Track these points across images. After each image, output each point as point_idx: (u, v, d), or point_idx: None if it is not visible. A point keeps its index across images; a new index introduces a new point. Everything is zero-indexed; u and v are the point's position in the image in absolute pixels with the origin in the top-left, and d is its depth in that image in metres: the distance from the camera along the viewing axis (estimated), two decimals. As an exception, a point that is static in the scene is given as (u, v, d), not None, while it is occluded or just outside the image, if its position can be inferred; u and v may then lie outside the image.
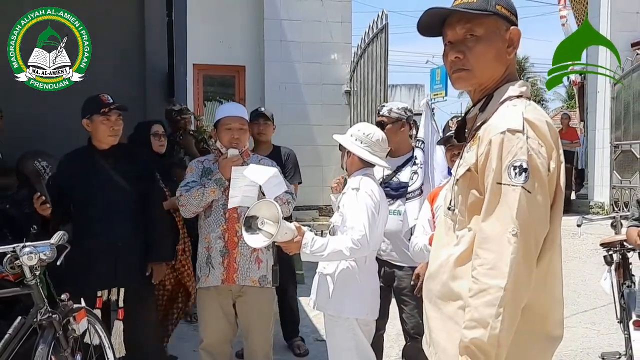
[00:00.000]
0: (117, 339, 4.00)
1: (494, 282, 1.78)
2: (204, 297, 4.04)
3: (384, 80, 8.29)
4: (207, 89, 10.15)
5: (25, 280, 3.30)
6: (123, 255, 3.96)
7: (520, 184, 1.79)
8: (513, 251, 1.77)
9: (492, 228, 1.83)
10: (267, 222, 3.24)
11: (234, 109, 4.23)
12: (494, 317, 1.76)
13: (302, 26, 9.88)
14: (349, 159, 3.72)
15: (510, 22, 2.00)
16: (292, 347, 5.56)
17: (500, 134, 1.84)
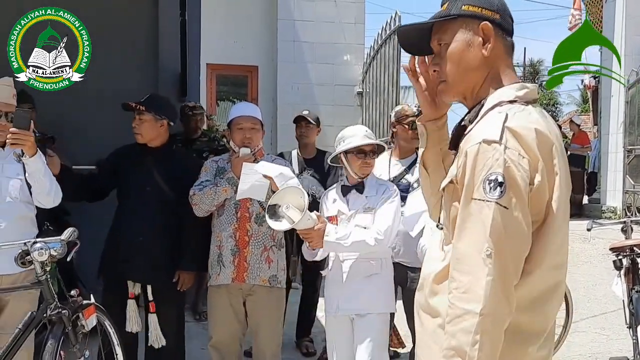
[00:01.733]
0: (154, 332, 4.10)
1: (470, 307, 1.63)
2: (214, 295, 4.08)
3: (397, 81, 8.28)
4: (220, 88, 10.19)
5: (36, 276, 3.34)
6: (146, 252, 4.04)
7: (495, 199, 1.63)
8: (489, 273, 1.62)
9: (465, 248, 1.69)
10: (292, 208, 3.32)
11: (246, 108, 4.27)
12: (471, 346, 1.62)
13: (315, 27, 9.89)
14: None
15: (482, 18, 1.84)
16: (300, 346, 5.59)
17: (476, 145, 1.69)
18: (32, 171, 3.61)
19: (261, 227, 3.97)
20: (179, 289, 4.16)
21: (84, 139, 5.63)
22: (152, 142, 4.18)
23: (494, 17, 1.85)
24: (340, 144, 3.78)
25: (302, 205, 3.34)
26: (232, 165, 3.98)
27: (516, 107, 1.77)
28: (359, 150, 3.73)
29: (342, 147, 3.76)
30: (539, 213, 1.71)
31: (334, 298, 3.69)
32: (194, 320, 6.18)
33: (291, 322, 5.65)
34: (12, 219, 3.63)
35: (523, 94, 1.81)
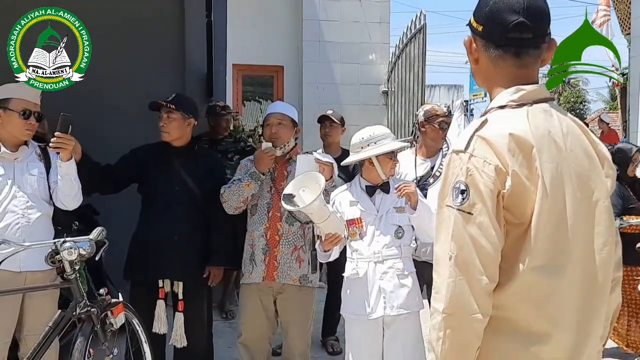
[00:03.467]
0: (179, 331, 4.12)
1: (437, 306, 1.75)
2: (246, 293, 4.11)
3: (422, 80, 8.24)
4: (246, 89, 10.21)
5: (66, 275, 3.39)
6: (179, 250, 4.09)
7: (457, 206, 1.72)
8: (450, 275, 1.71)
9: (438, 250, 1.79)
10: (307, 191, 3.38)
11: (273, 107, 4.33)
12: (436, 341, 1.75)
13: (340, 26, 9.88)
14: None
15: (471, 30, 1.91)
16: (326, 345, 5.60)
17: (449, 155, 1.81)
18: (65, 174, 3.67)
19: (292, 227, 4.01)
20: (209, 284, 4.20)
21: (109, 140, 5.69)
22: (177, 141, 4.21)
23: (477, 29, 1.88)
24: (370, 145, 3.70)
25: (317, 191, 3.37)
26: (255, 160, 4.02)
27: (502, 112, 1.81)
28: (388, 154, 3.72)
29: (377, 148, 3.68)
30: (521, 216, 1.73)
31: (364, 301, 3.63)
32: (221, 319, 6.22)
33: (317, 320, 5.63)
34: (38, 216, 3.69)
35: (518, 97, 1.82)
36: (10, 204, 3.58)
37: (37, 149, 3.82)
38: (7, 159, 3.64)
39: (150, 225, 4.19)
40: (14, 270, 3.53)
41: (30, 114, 3.65)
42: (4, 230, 3.52)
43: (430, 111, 4.38)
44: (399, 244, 3.64)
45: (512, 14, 1.80)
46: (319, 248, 3.68)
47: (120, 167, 4.27)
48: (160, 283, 4.13)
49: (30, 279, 3.62)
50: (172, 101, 4.13)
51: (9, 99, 3.61)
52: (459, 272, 1.71)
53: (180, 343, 4.14)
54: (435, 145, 4.39)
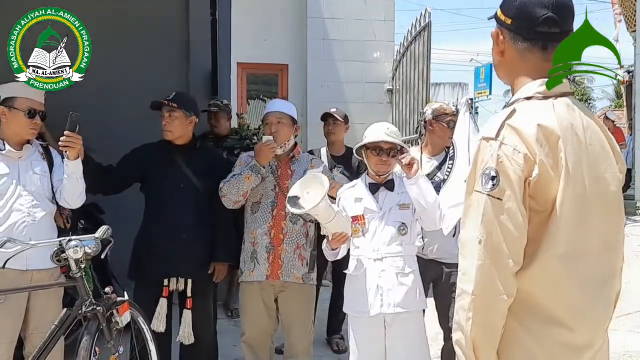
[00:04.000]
0: (187, 328, 4.13)
1: (465, 288, 1.82)
2: (247, 291, 4.11)
3: (427, 78, 8.22)
4: (251, 87, 10.22)
5: (71, 273, 3.40)
6: (185, 248, 4.09)
7: (487, 191, 1.79)
8: (479, 258, 1.79)
9: (466, 234, 1.86)
10: (312, 193, 3.39)
11: (272, 105, 4.31)
12: (465, 321, 1.82)
13: (345, 24, 9.88)
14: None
15: (498, 23, 1.99)
16: (331, 343, 5.60)
17: (478, 142, 1.87)
18: (71, 172, 3.68)
19: (295, 226, 4.02)
20: (214, 281, 4.21)
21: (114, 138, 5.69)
22: (180, 139, 4.22)
23: (505, 22, 1.96)
24: (363, 140, 3.77)
25: (322, 193, 3.37)
26: (255, 153, 4.02)
27: (529, 103, 1.88)
28: (376, 147, 3.71)
29: (361, 142, 3.76)
30: (544, 203, 1.80)
31: (364, 298, 3.64)
32: (226, 317, 6.23)
33: (322, 319, 5.67)
34: (43, 215, 3.70)
35: (544, 89, 1.89)
36: (16, 203, 3.59)
37: (39, 148, 3.83)
38: (11, 158, 3.65)
39: (155, 224, 4.19)
40: (20, 268, 3.54)
41: (35, 113, 3.66)
42: (10, 229, 3.53)
43: (439, 110, 4.39)
44: (400, 242, 3.62)
45: (542, 9, 1.88)
46: (326, 247, 3.68)
47: (122, 166, 4.26)
48: (166, 282, 4.13)
49: (36, 277, 3.63)
50: (173, 100, 4.13)
51: (15, 98, 3.62)
52: (487, 255, 1.78)
53: (188, 340, 4.14)
54: (442, 143, 4.40)
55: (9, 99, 3.63)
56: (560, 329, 1.84)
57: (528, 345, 1.85)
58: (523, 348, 1.85)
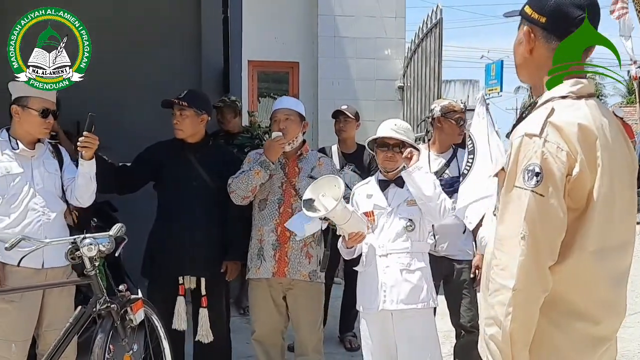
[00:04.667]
0: (205, 326, 4.14)
1: (505, 283, 1.84)
2: (255, 289, 4.12)
3: (438, 75, 8.19)
4: (262, 85, 10.20)
5: (85, 271, 3.41)
6: (200, 246, 4.10)
7: (531, 187, 1.81)
8: (521, 253, 1.81)
9: (505, 230, 1.88)
10: (327, 196, 3.38)
11: (281, 102, 4.31)
12: (505, 316, 1.83)
13: (355, 22, 9.84)
14: None
15: (529, 20, 2.00)
16: (344, 341, 5.60)
17: (519, 138, 1.87)
18: (86, 172, 3.71)
19: (302, 224, 3.99)
20: (226, 279, 4.21)
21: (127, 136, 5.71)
22: (192, 137, 4.22)
23: (539, 21, 1.97)
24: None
25: (337, 195, 3.37)
26: (264, 149, 4.03)
27: (566, 102, 1.90)
28: (382, 143, 3.70)
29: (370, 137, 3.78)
30: (579, 201, 1.84)
31: (371, 294, 3.65)
32: (238, 315, 6.23)
33: (334, 316, 5.67)
34: (56, 213, 3.72)
35: (577, 89, 1.92)
36: (31, 202, 3.61)
37: (49, 146, 3.84)
38: (24, 157, 3.66)
39: (167, 222, 4.20)
40: (35, 267, 3.55)
41: (48, 112, 3.67)
42: (26, 228, 3.54)
43: (448, 107, 4.38)
44: (407, 238, 3.62)
45: (577, 9, 1.91)
46: (342, 245, 3.68)
47: (136, 166, 4.28)
48: (181, 280, 4.13)
49: (50, 275, 3.65)
50: (184, 98, 4.13)
51: (28, 98, 3.63)
52: (529, 251, 1.80)
53: (207, 338, 4.15)
54: (450, 140, 4.38)
55: (22, 99, 3.63)
56: (586, 322, 1.88)
57: (554, 338, 1.88)
58: (549, 341, 1.88)
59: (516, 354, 1.83)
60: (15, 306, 3.50)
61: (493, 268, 1.90)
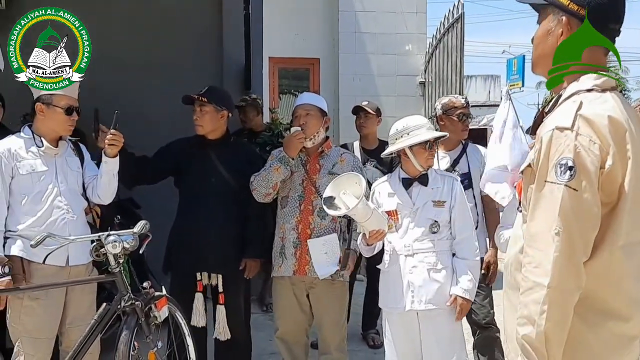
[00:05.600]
0: (222, 323, 4.15)
1: (539, 280, 1.79)
2: (279, 286, 4.11)
3: (460, 71, 8.14)
4: (282, 82, 10.21)
5: (110, 268, 3.42)
6: (217, 242, 4.10)
7: (565, 182, 1.77)
8: (556, 250, 1.77)
9: (537, 226, 1.84)
10: (348, 194, 3.35)
11: (301, 98, 4.28)
12: (539, 315, 1.78)
13: (376, 17, 9.81)
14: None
15: (566, 11, 1.94)
16: (366, 338, 5.59)
17: (549, 132, 1.83)
18: (109, 170, 3.73)
19: (323, 221, 3.97)
20: (245, 276, 4.20)
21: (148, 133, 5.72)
22: (212, 134, 4.22)
23: (578, 12, 1.92)
24: (403, 136, 3.64)
25: (359, 193, 3.35)
26: (284, 145, 4.01)
27: (592, 95, 1.86)
28: (424, 143, 3.63)
29: (409, 139, 3.60)
30: (610, 195, 1.80)
31: (396, 294, 3.62)
32: (261, 312, 6.24)
33: (357, 313, 5.65)
34: (79, 211, 3.73)
35: (601, 82, 1.89)
36: (56, 200, 3.62)
37: (70, 144, 3.85)
38: (49, 155, 3.68)
39: (187, 219, 4.21)
40: (60, 264, 3.57)
41: (72, 109, 3.69)
42: (52, 226, 3.56)
43: (448, 104, 4.36)
44: (433, 238, 3.57)
45: (614, 6, 1.93)
46: (361, 242, 3.66)
47: (157, 158, 4.29)
48: (199, 276, 4.14)
49: (74, 272, 3.67)
50: (205, 94, 4.14)
51: (52, 95, 3.64)
52: (564, 247, 1.76)
53: (224, 336, 4.16)
54: (456, 137, 4.34)
55: (46, 96, 3.64)
56: (616, 320, 1.85)
57: (585, 337, 1.84)
58: (581, 341, 1.84)
59: (551, 353, 1.79)
60: (41, 304, 3.52)
61: (525, 266, 1.85)
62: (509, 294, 2.10)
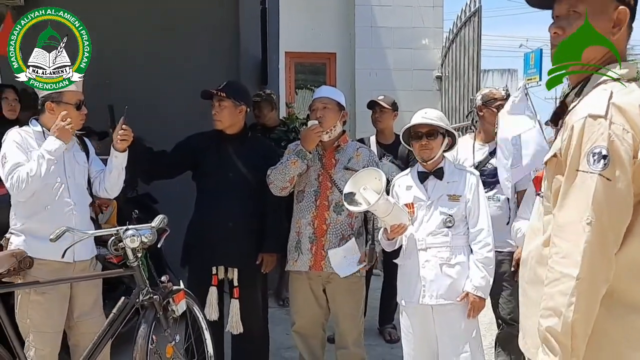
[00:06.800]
0: (234, 317, 4.15)
1: (567, 271, 1.75)
2: (295, 281, 4.11)
3: (477, 65, 8.10)
4: (299, 76, 10.20)
5: (128, 262, 3.43)
6: (233, 237, 4.11)
7: (598, 171, 1.73)
8: (587, 240, 1.73)
9: (567, 216, 1.79)
10: (369, 189, 3.34)
11: (319, 91, 4.27)
12: (567, 306, 1.74)
13: (393, 11, 9.78)
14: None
15: (621, 1, 1.90)
16: (383, 333, 5.58)
17: (582, 120, 1.79)
18: (118, 164, 3.75)
19: (339, 216, 3.96)
20: (262, 271, 4.20)
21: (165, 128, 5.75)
22: (230, 128, 4.22)
23: (629, 2, 1.91)
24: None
25: (379, 188, 3.34)
26: (301, 138, 4.01)
27: (619, 85, 1.84)
28: (416, 134, 3.63)
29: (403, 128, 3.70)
30: None
31: (410, 288, 3.62)
32: (278, 306, 6.25)
33: (374, 308, 5.65)
34: (86, 205, 3.75)
35: (626, 72, 1.88)
36: (64, 194, 3.62)
37: (76, 138, 3.85)
38: None
39: (204, 213, 4.21)
40: (67, 260, 3.55)
41: (81, 104, 3.69)
42: (62, 221, 3.53)
43: (489, 95, 4.33)
44: (447, 232, 3.56)
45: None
46: (382, 237, 3.66)
47: (174, 153, 4.30)
48: (214, 270, 4.15)
49: (79, 267, 3.66)
50: (223, 89, 4.14)
51: (61, 93, 3.61)
52: (596, 237, 1.73)
53: (236, 329, 4.16)
54: (494, 129, 4.33)
55: (56, 94, 3.62)
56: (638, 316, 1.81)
57: (609, 331, 1.81)
58: (604, 334, 1.80)
59: (575, 346, 1.75)
60: (48, 298, 3.52)
61: (551, 256, 1.82)
62: (526, 289, 2.07)
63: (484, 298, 3.53)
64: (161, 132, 4.92)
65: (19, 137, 3.56)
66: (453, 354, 3.52)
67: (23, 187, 3.40)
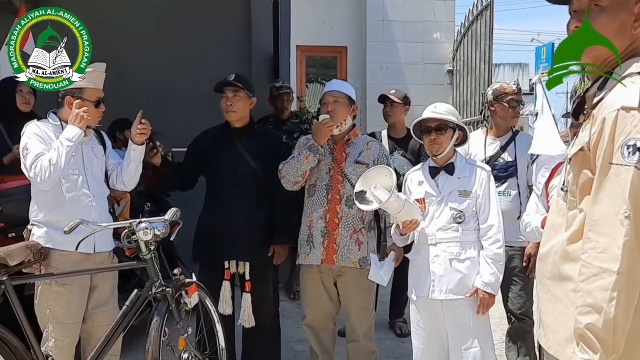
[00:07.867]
0: (247, 311, 4.16)
1: (607, 266, 1.71)
2: (306, 274, 4.11)
3: (489, 59, 8.07)
4: (310, 70, 10.20)
5: (141, 255, 3.45)
6: (244, 231, 4.11)
7: (634, 163, 1.70)
8: (626, 234, 1.70)
9: (603, 210, 1.76)
10: (379, 187, 3.34)
11: (330, 85, 4.23)
12: (608, 302, 1.70)
13: (404, 5, 9.76)
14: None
15: None
16: (394, 327, 5.59)
17: (614, 112, 1.76)
18: (135, 157, 3.78)
19: (351, 210, 3.95)
20: (274, 263, 4.21)
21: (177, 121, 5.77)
22: (239, 121, 4.22)
23: None
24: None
25: (389, 185, 3.34)
26: (312, 133, 4.01)
27: None
28: (426, 128, 3.63)
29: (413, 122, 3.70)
30: None
31: (419, 282, 3.62)
32: (289, 300, 6.27)
33: (384, 302, 5.66)
34: (104, 198, 3.77)
35: None
36: (84, 187, 3.65)
37: (93, 132, 3.87)
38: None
39: (214, 207, 4.22)
40: (88, 252, 3.60)
41: (100, 101, 3.72)
42: (80, 213, 3.57)
43: (499, 89, 4.32)
44: (457, 228, 3.55)
45: None
46: (394, 232, 3.66)
47: (188, 162, 4.33)
48: (226, 264, 4.16)
49: (98, 259, 3.70)
50: (236, 80, 4.15)
51: (82, 89, 3.64)
52: (634, 230, 1.71)
53: (248, 323, 4.17)
54: (506, 124, 4.32)
55: (77, 90, 3.65)
56: None
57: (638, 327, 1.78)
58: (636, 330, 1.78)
59: (615, 342, 1.72)
60: (68, 289, 3.56)
61: (587, 252, 1.78)
62: (548, 285, 2.03)
63: (493, 294, 3.52)
64: (173, 126, 4.94)
65: (38, 129, 3.59)
66: (462, 349, 3.53)
67: (47, 176, 3.43)
